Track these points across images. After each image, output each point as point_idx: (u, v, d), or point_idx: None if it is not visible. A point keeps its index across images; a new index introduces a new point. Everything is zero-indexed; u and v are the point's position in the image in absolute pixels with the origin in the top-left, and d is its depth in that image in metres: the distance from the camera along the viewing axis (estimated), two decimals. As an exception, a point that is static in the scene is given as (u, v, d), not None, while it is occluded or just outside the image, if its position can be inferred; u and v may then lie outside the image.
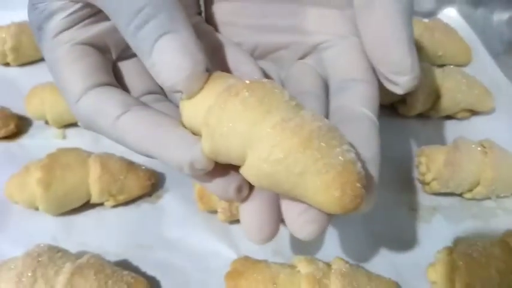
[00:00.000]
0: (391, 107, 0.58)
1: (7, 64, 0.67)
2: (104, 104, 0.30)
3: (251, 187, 0.28)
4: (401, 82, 0.30)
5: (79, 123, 0.30)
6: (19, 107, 0.59)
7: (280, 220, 0.28)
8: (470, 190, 0.47)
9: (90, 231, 0.46)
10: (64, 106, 0.55)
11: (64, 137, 0.57)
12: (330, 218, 0.25)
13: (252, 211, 0.28)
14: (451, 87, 0.54)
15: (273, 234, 0.28)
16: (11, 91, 0.63)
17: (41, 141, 0.56)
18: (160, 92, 0.35)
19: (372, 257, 0.44)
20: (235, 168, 0.27)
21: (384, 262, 0.43)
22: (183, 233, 0.46)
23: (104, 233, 0.46)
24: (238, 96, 0.24)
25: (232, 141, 0.24)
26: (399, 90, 0.30)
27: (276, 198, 0.28)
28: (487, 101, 0.56)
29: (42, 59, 0.68)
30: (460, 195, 0.48)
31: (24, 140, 0.57)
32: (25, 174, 0.46)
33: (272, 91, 0.25)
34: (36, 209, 0.47)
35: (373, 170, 0.27)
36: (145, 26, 0.26)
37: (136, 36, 0.26)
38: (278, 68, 0.36)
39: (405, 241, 0.45)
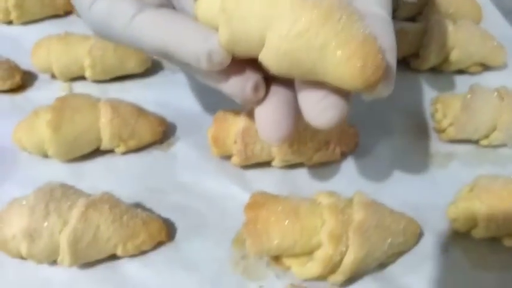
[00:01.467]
0: (403, 61, 0.57)
1: (10, 22, 0.65)
2: (118, 5, 0.29)
3: (267, 88, 0.28)
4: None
5: (92, 30, 0.30)
6: (24, 63, 0.58)
7: (296, 119, 0.28)
8: (486, 136, 0.47)
9: (100, 178, 0.45)
10: (71, 57, 0.54)
11: (70, 90, 0.55)
12: (349, 104, 0.25)
13: (268, 110, 0.28)
14: (464, 39, 0.54)
15: (289, 132, 0.28)
16: (15, 48, 0.62)
17: (47, 93, 0.55)
18: (170, 5, 0.34)
19: (388, 200, 0.43)
20: (252, 67, 0.27)
21: (401, 204, 0.42)
22: (196, 177, 0.45)
23: (115, 179, 0.45)
24: None
25: (251, 24, 0.24)
26: None
27: (291, 98, 0.28)
28: (500, 55, 0.56)
29: (45, 17, 0.67)
30: (477, 142, 0.48)
31: (30, 93, 0.55)
32: (34, 117, 0.45)
33: None
34: (45, 155, 0.46)
35: (391, 59, 0.27)
36: None
37: None
38: None
39: (423, 184, 0.45)
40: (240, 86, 0.28)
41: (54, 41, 0.54)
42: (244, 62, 0.27)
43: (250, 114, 0.43)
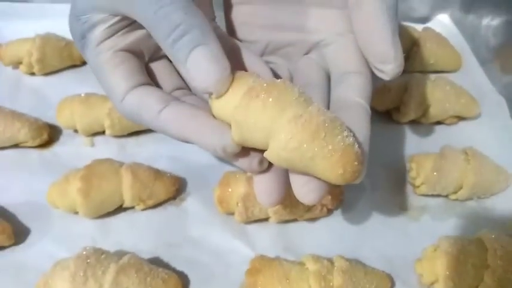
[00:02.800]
0: (386, 114, 0.64)
1: (32, 73, 0.72)
2: (146, 101, 0.36)
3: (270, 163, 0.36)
4: (386, 70, 0.36)
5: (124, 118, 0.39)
6: (48, 115, 0.65)
7: (287, 188, 0.36)
8: (454, 192, 0.54)
9: (124, 232, 0.53)
10: (92, 117, 0.61)
11: (93, 144, 0.63)
12: (328, 187, 0.33)
13: (264, 180, 0.36)
14: (440, 97, 0.60)
15: (281, 198, 0.36)
16: (39, 100, 0.69)
17: (72, 148, 0.62)
18: (186, 87, 0.42)
19: (367, 252, 0.51)
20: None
21: (377, 256, 0.51)
22: (205, 232, 0.53)
23: (136, 233, 0.53)
24: (258, 97, 0.31)
25: (256, 134, 0.31)
26: (386, 77, 0.36)
27: (284, 172, 0.36)
28: (473, 108, 0.63)
29: (64, 68, 0.73)
30: (446, 196, 0.55)
31: (57, 148, 0.63)
32: (65, 183, 0.53)
33: (285, 90, 0.31)
34: (76, 213, 0.54)
35: (365, 149, 0.35)
36: (181, 40, 0.32)
37: (173, 47, 0.32)
38: (287, 62, 0.44)
39: (398, 238, 0.52)
40: (247, 162, 0.35)
41: (76, 103, 0.61)
42: None
43: (250, 182, 0.51)
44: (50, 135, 0.63)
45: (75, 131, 0.64)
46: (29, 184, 0.58)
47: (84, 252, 0.46)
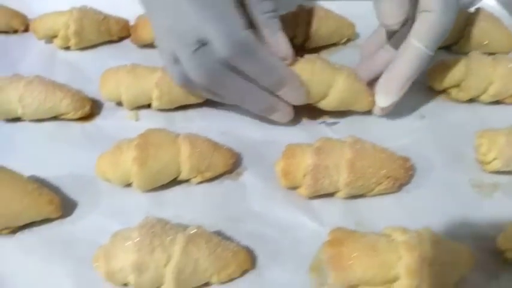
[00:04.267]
0: (443, 91, 0.62)
1: (67, 48, 0.69)
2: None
3: None
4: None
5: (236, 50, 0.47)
6: (88, 89, 0.61)
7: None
8: (530, 169, 0.52)
9: (180, 206, 0.50)
10: (139, 88, 0.57)
11: (137, 118, 0.59)
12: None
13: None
14: (503, 74, 0.58)
15: (404, 18, 0.49)
16: (76, 74, 0.66)
17: (116, 121, 0.59)
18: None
19: (439, 228, 0.48)
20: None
21: (452, 232, 0.47)
22: (267, 206, 0.49)
23: (194, 207, 0.49)
24: None
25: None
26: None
27: None
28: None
29: (101, 43, 0.70)
30: (519, 173, 0.53)
31: (99, 121, 0.59)
32: (118, 152, 0.49)
33: None
34: (127, 185, 0.50)
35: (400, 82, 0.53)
36: None
37: None
38: None
39: (470, 214, 0.49)
40: None
41: (122, 73, 0.58)
42: None
43: (318, 153, 0.47)
44: (93, 108, 0.60)
45: (118, 104, 0.60)
46: (73, 157, 0.54)
47: (148, 221, 0.42)
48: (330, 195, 0.50)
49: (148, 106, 0.60)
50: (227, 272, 0.42)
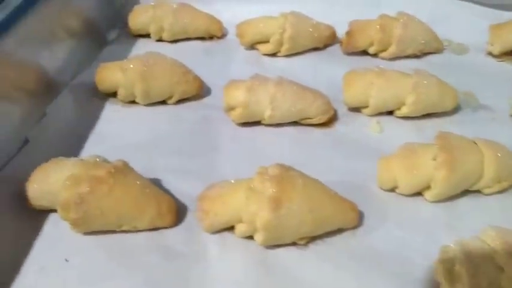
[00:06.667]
0: None
1: (273, 54, 0.66)
2: None
3: None
4: None
5: None
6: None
7: None
8: None
9: (477, 219, 0.44)
10: (391, 91, 0.53)
11: (381, 130, 0.54)
12: None
13: None
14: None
15: None
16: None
17: (357, 128, 0.54)
18: None
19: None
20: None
21: None
22: None
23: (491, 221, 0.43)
24: None
25: None
26: None
27: None
28: None
29: (307, 50, 0.67)
30: None
31: (339, 127, 0.55)
32: (412, 156, 0.44)
33: None
34: (415, 194, 0.45)
35: None
36: None
37: None
38: None
39: None
40: None
41: (371, 76, 0.54)
42: None
43: None
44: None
45: (355, 109, 0.56)
46: (335, 163, 0.50)
47: None
48: None
49: (391, 113, 0.55)
50: None
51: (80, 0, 0.66)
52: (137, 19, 0.67)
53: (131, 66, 0.54)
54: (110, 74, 0.55)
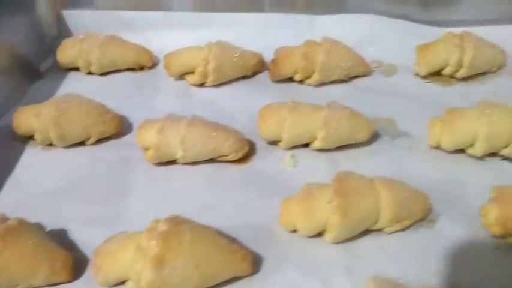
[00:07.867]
0: None
1: (201, 85, 0.66)
2: None
3: None
4: None
5: None
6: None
7: None
8: None
9: (377, 259, 0.44)
10: (303, 126, 0.53)
11: (295, 165, 0.54)
12: None
13: None
14: None
15: None
16: (218, 112, 0.61)
17: (274, 163, 0.55)
18: None
19: None
20: None
21: None
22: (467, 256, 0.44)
23: (393, 260, 0.44)
24: None
25: None
26: None
27: None
28: None
29: (234, 80, 0.67)
30: None
31: (257, 162, 0.55)
32: (309, 199, 0.45)
33: None
34: (317, 235, 0.45)
35: None
36: None
37: None
38: None
39: None
40: None
41: (284, 111, 0.54)
42: None
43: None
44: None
45: (273, 142, 0.56)
46: (243, 203, 0.50)
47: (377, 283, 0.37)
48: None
49: (306, 146, 0.56)
50: None
51: (8, 34, 0.66)
52: (65, 54, 0.68)
53: (43, 112, 0.54)
54: (26, 118, 0.55)
